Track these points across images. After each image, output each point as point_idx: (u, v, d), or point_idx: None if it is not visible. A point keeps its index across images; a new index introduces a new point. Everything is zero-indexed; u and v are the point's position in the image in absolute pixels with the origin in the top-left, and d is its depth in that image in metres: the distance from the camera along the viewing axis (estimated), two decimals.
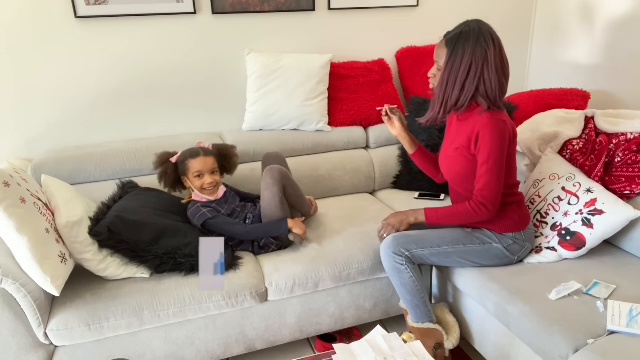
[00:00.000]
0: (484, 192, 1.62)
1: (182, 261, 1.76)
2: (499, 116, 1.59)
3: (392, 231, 1.79)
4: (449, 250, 1.72)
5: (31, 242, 1.50)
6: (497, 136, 1.57)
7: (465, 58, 1.53)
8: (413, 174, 2.48)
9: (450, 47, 1.56)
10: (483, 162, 1.60)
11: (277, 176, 1.87)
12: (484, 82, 1.55)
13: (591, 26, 2.60)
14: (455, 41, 1.55)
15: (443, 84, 1.60)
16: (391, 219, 1.82)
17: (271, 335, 1.91)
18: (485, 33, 1.54)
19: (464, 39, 1.54)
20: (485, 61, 1.53)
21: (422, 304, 1.74)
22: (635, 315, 1.42)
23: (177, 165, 1.95)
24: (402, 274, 1.71)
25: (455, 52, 1.54)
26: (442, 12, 2.77)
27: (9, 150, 2.25)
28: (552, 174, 1.94)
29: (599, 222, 1.74)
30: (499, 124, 1.57)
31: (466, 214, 1.67)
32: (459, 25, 1.59)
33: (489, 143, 1.57)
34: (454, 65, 1.56)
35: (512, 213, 1.72)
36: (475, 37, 1.53)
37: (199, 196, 1.94)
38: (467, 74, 1.55)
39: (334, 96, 2.53)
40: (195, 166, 1.91)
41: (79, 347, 1.67)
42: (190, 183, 1.94)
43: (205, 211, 1.88)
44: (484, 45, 1.52)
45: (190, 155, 1.93)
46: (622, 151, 1.84)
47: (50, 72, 2.21)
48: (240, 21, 2.42)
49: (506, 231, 1.72)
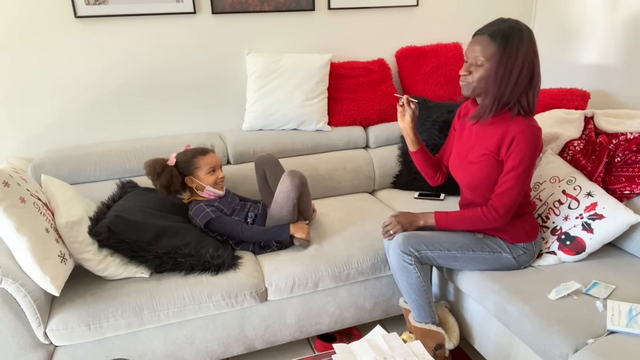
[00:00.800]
0: (503, 198, 1.59)
1: (182, 261, 1.77)
2: (534, 123, 1.56)
3: (400, 231, 1.77)
4: (457, 255, 1.71)
5: (31, 242, 1.50)
6: (532, 144, 1.53)
7: (521, 52, 1.48)
8: (413, 174, 2.47)
9: (503, 42, 1.48)
10: (512, 168, 1.56)
11: (297, 183, 1.86)
12: (534, 80, 1.53)
13: (591, 26, 2.60)
14: (507, 35, 1.49)
15: (498, 79, 1.51)
16: (402, 219, 1.77)
17: (271, 335, 1.91)
18: (531, 32, 1.52)
19: (517, 33, 1.48)
20: (535, 59, 1.51)
21: (427, 304, 1.74)
22: (635, 315, 1.42)
23: (177, 167, 1.93)
24: (410, 273, 1.70)
25: (510, 46, 1.48)
26: (442, 12, 2.77)
27: (9, 150, 2.25)
28: (552, 177, 1.94)
29: (599, 227, 1.74)
30: (535, 132, 1.54)
31: (477, 219, 1.65)
32: (495, 22, 1.53)
33: (524, 150, 1.53)
34: (510, 59, 1.49)
35: (525, 223, 1.71)
36: (528, 34, 1.50)
37: (210, 192, 1.94)
38: (521, 70, 1.50)
39: (334, 96, 2.53)
40: (210, 162, 1.92)
41: (79, 347, 1.67)
42: (201, 180, 1.92)
43: (209, 211, 1.88)
44: (534, 43, 1.50)
45: (200, 153, 1.93)
46: (622, 151, 1.84)
47: (50, 72, 2.21)
48: (240, 21, 2.42)
49: (518, 241, 1.71)
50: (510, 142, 1.55)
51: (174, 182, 1.89)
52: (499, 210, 1.61)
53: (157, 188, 1.90)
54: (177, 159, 1.93)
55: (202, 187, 1.94)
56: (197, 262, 1.78)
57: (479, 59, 1.53)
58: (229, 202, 2.01)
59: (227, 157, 2.35)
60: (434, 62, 2.66)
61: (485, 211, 1.63)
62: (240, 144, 2.34)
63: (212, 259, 1.80)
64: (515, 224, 1.70)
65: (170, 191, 1.91)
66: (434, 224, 1.73)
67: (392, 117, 2.59)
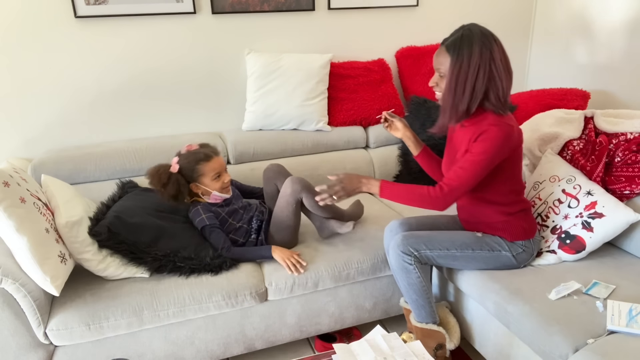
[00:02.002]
0: (452, 177, 1.58)
1: (181, 265, 1.76)
2: (507, 120, 1.57)
3: (345, 197, 1.68)
4: (457, 254, 1.71)
5: (31, 242, 1.50)
6: (499, 139, 1.54)
7: (472, 60, 1.51)
8: (413, 174, 2.47)
9: (455, 52, 1.53)
10: (472, 154, 1.56)
11: (296, 188, 1.85)
12: (494, 83, 1.53)
13: (591, 26, 2.60)
14: (458, 45, 1.52)
15: (452, 90, 1.56)
16: (347, 183, 1.67)
17: (271, 335, 1.91)
18: (487, 34, 1.52)
19: (467, 41, 1.51)
20: (492, 62, 1.51)
21: (427, 304, 1.74)
22: (635, 315, 1.42)
23: (182, 174, 1.85)
24: (410, 273, 1.70)
25: (461, 56, 1.51)
26: (442, 12, 2.77)
27: (9, 150, 2.25)
28: (552, 176, 1.94)
29: (599, 226, 1.74)
30: (507, 128, 1.55)
31: (420, 196, 1.61)
32: (456, 30, 1.57)
33: (490, 141, 1.54)
34: (462, 69, 1.52)
35: (522, 221, 1.71)
36: (479, 39, 1.51)
37: (217, 197, 1.89)
38: (477, 77, 1.52)
39: (334, 96, 2.53)
40: (214, 168, 1.85)
41: (79, 347, 1.67)
42: (207, 187, 1.86)
43: (204, 217, 1.85)
44: (488, 46, 1.51)
45: (203, 159, 1.84)
46: (622, 151, 1.84)
47: (50, 72, 2.21)
48: (240, 21, 2.42)
49: (517, 239, 1.71)
50: (479, 134, 1.56)
51: (182, 190, 1.82)
52: (444, 188, 1.58)
53: (163, 197, 1.82)
54: (180, 165, 1.84)
55: (208, 193, 1.89)
56: (197, 265, 1.78)
57: (441, 71, 1.58)
58: (232, 203, 1.97)
59: (227, 157, 2.35)
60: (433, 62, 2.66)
61: (430, 189, 1.60)
62: (240, 144, 2.34)
63: (212, 260, 1.79)
64: (513, 222, 1.70)
65: (179, 200, 1.83)
66: (377, 192, 1.68)
67: None
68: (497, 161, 1.57)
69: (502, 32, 2.90)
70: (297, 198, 1.87)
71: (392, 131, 1.87)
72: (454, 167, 1.60)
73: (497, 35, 1.57)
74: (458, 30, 1.56)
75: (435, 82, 1.63)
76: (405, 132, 1.85)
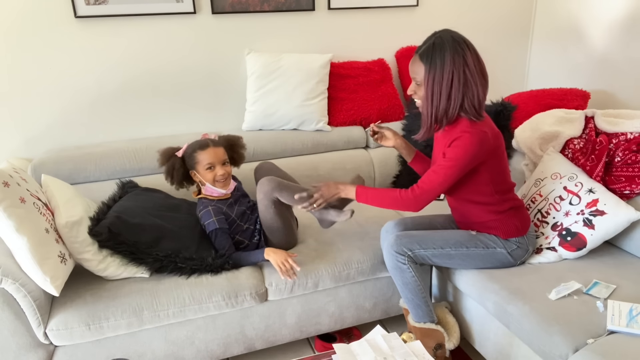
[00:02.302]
0: (425, 183, 1.60)
1: (183, 266, 1.76)
2: (481, 126, 1.57)
3: (324, 204, 1.75)
4: (452, 252, 1.71)
5: (31, 242, 1.50)
6: (474, 145, 1.55)
7: (445, 68, 1.51)
8: (413, 174, 2.47)
9: (427, 61, 1.53)
10: (445, 160, 1.58)
11: (267, 189, 1.81)
12: (469, 88, 1.54)
13: (591, 26, 2.60)
14: (430, 53, 1.53)
15: (429, 99, 1.57)
16: (325, 191, 1.73)
17: (271, 335, 1.91)
18: (459, 40, 1.52)
19: (439, 49, 1.52)
20: (465, 67, 1.51)
21: (423, 303, 1.74)
22: (635, 315, 1.42)
23: (184, 159, 1.90)
24: (404, 273, 1.70)
25: (434, 64, 1.52)
26: (442, 12, 2.77)
27: (9, 150, 2.25)
28: (554, 174, 1.94)
29: (600, 223, 1.74)
30: (480, 135, 1.55)
31: (393, 199, 1.63)
32: (428, 38, 1.57)
33: (463, 148, 1.55)
34: (436, 77, 1.53)
35: (514, 218, 1.71)
36: (451, 45, 1.51)
37: (212, 190, 1.89)
38: (452, 83, 1.53)
39: (334, 96, 2.53)
40: (206, 158, 1.85)
41: (79, 347, 1.67)
42: (201, 177, 1.87)
43: (215, 220, 1.84)
44: (460, 52, 1.51)
45: (199, 147, 1.87)
46: (622, 151, 1.84)
47: (51, 72, 2.21)
48: (240, 21, 2.42)
49: (510, 236, 1.71)
50: (453, 140, 1.57)
51: (174, 174, 1.88)
52: (415, 190, 1.61)
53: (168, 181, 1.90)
54: (185, 150, 1.90)
55: (203, 183, 1.90)
56: (199, 265, 1.77)
57: (417, 80, 1.59)
58: (239, 204, 1.96)
59: None
60: None
61: (402, 192, 1.63)
62: None
63: (214, 261, 1.79)
64: (504, 220, 1.71)
65: (173, 182, 1.89)
66: (354, 197, 1.72)
67: (392, 117, 2.59)
68: (471, 166, 1.58)
69: (502, 32, 2.90)
70: (272, 199, 1.82)
71: (383, 142, 1.87)
72: (429, 170, 1.62)
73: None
74: (430, 38, 1.56)
75: (413, 91, 1.64)
76: (396, 140, 1.85)
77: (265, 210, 1.85)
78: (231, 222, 1.89)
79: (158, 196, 2.02)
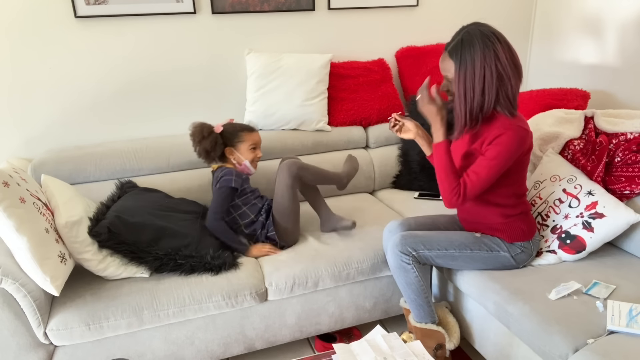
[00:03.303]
0: (473, 178, 1.56)
1: (182, 263, 1.76)
2: (521, 123, 1.55)
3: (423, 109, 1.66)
4: (455, 254, 1.71)
5: (31, 242, 1.50)
6: (515, 142, 1.53)
7: (476, 63, 1.49)
8: (413, 174, 2.47)
9: (457, 57, 1.51)
10: (486, 159, 1.55)
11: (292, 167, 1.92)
12: (503, 81, 1.51)
13: (591, 26, 2.60)
14: (460, 50, 1.50)
15: (461, 96, 1.54)
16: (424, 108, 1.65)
17: (271, 335, 1.91)
18: (488, 33, 1.50)
19: (468, 45, 1.49)
20: (497, 61, 1.49)
21: (426, 304, 1.74)
22: (635, 316, 1.42)
23: (222, 136, 1.99)
24: (408, 273, 1.70)
25: (464, 60, 1.49)
26: (442, 12, 2.77)
27: (9, 150, 2.25)
28: (553, 176, 1.94)
29: (599, 226, 1.74)
30: (522, 132, 1.54)
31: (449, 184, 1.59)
32: (457, 33, 1.55)
33: (505, 146, 1.52)
34: (467, 73, 1.50)
35: (521, 223, 1.70)
36: (480, 40, 1.48)
37: (246, 167, 2.02)
38: (484, 79, 1.50)
39: (334, 96, 2.53)
40: (254, 139, 2.01)
41: (79, 347, 1.67)
42: (240, 154, 1.99)
43: (233, 179, 1.92)
44: (490, 46, 1.48)
45: (247, 129, 2.02)
46: (622, 151, 1.84)
47: (50, 72, 2.21)
48: (240, 21, 2.42)
49: (516, 240, 1.71)
50: (494, 138, 1.55)
51: (216, 149, 1.96)
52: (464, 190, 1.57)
53: (196, 151, 1.98)
54: (224, 128, 1.99)
55: (240, 161, 2.00)
56: (198, 263, 1.78)
57: (449, 77, 1.58)
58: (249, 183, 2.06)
59: None
60: (434, 62, 2.66)
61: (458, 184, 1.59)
62: None
63: (213, 260, 1.80)
64: (512, 224, 1.70)
65: (209, 157, 1.98)
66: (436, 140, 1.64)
67: None
68: (508, 165, 1.56)
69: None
70: (295, 176, 1.91)
71: (403, 134, 1.79)
72: (467, 171, 1.59)
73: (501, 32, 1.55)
74: (458, 33, 1.54)
75: (446, 88, 1.61)
76: (417, 132, 1.77)
77: (286, 192, 1.93)
78: (242, 192, 1.99)
79: (157, 196, 2.02)
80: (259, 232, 1.98)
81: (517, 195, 1.69)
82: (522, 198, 1.72)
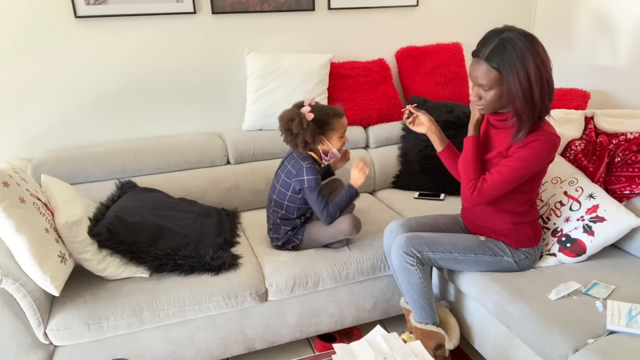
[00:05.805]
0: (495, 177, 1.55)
1: (181, 263, 1.76)
2: (552, 130, 1.52)
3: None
4: (459, 257, 1.70)
5: (31, 242, 1.50)
6: (546, 149, 1.50)
7: (528, 64, 1.42)
8: (413, 174, 2.47)
9: (502, 63, 1.44)
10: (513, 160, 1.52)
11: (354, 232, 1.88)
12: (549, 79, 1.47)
13: (591, 26, 2.60)
14: (502, 55, 1.43)
15: (520, 98, 1.46)
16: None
17: (271, 335, 1.91)
18: (529, 37, 1.45)
19: (511, 48, 1.43)
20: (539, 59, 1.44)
21: (427, 305, 1.74)
22: (634, 315, 1.42)
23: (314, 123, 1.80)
24: (411, 274, 1.70)
25: (511, 64, 1.43)
26: (442, 12, 2.77)
27: (9, 150, 2.25)
28: (554, 178, 1.93)
29: (600, 230, 1.73)
30: (553, 139, 1.51)
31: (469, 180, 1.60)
32: (488, 39, 1.47)
33: (537, 151, 1.50)
34: (519, 77, 1.44)
35: (528, 229, 1.70)
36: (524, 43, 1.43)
37: (333, 155, 1.88)
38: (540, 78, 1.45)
39: (334, 96, 2.53)
40: (344, 125, 1.85)
41: (79, 347, 1.67)
42: (329, 142, 1.84)
43: (318, 178, 1.82)
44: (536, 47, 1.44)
45: (337, 115, 1.83)
46: (622, 151, 1.84)
47: (50, 72, 2.21)
48: (240, 21, 2.42)
49: (521, 247, 1.70)
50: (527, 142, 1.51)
51: (315, 139, 1.80)
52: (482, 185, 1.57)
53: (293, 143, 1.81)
54: (315, 115, 1.79)
55: (329, 149, 1.85)
56: (197, 263, 1.78)
57: (485, 85, 1.49)
58: None
59: (227, 157, 2.35)
60: (434, 62, 2.66)
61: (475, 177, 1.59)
62: (240, 144, 2.34)
63: (212, 260, 1.80)
64: (519, 230, 1.69)
65: (306, 147, 1.81)
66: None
67: (392, 117, 2.59)
68: (533, 171, 1.54)
69: None
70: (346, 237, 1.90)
71: (416, 127, 1.78)
72: (492, 170, 1.57)
73: None
74: (492, 39, 1.46)
75: (478, 96, 1.54)
76: (430, 126, 1.75)
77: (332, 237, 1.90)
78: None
79: (157, 195, 2.02)
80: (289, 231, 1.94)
81: (530, 202, 1.68)
82: (533, 205, 1.71)
